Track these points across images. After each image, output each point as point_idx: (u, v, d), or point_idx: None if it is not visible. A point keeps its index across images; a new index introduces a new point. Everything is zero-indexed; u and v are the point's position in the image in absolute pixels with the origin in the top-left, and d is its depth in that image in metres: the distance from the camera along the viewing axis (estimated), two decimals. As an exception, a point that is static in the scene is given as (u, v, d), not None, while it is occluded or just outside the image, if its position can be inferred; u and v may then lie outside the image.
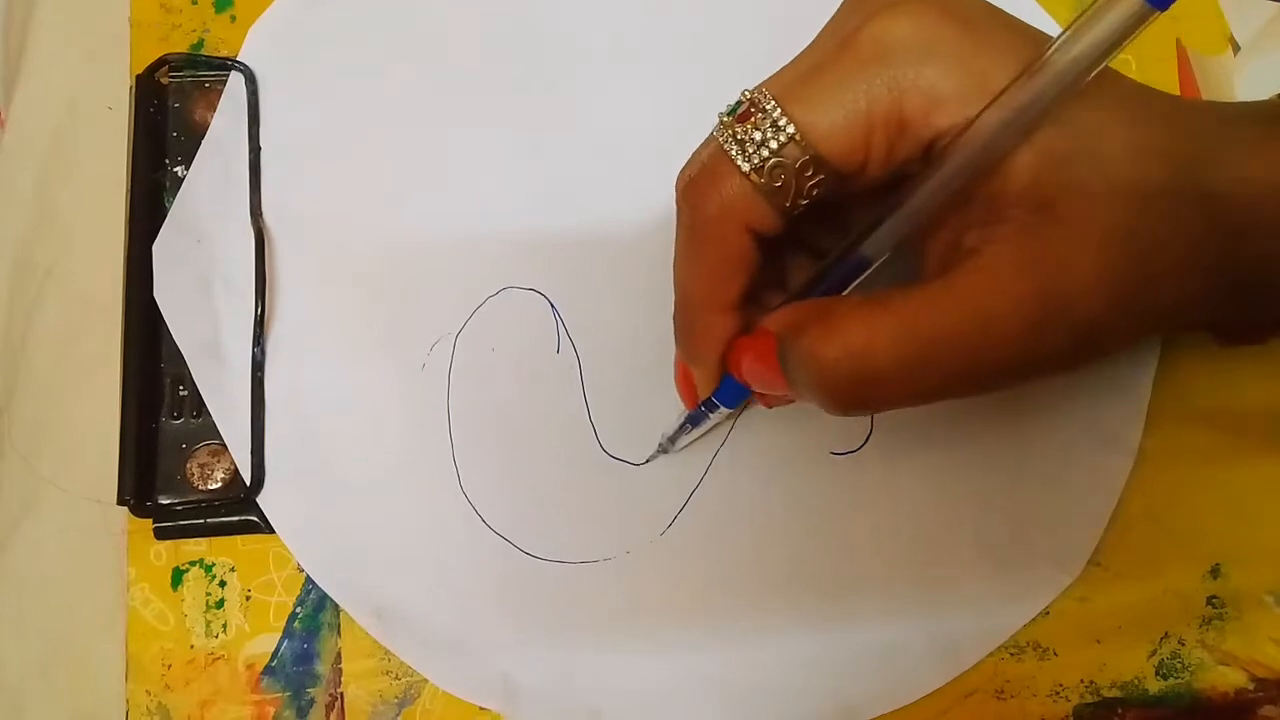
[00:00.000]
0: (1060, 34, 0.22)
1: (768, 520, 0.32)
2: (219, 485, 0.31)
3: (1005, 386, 0.25)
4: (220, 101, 0.34)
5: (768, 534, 0.31)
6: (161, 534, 0.31)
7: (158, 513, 0.31)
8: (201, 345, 0.32)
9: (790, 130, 0.23)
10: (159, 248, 0.32)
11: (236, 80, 0.34)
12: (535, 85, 0.35)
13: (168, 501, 0.31)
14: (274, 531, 0.31)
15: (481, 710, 0.30)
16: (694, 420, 0.30)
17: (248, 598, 0.31)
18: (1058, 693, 0.31)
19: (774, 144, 0.24)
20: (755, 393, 0.28)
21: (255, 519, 0.31)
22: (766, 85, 0.24)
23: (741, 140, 0.24)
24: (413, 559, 0.31)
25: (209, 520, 0.31)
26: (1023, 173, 0.23)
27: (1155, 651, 0.31)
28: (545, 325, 0.33)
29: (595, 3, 0.35)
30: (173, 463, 0.31)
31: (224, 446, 0.31)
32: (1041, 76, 0.22)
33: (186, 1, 0.35)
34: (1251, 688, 0.31)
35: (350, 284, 0.33)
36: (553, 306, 0.33)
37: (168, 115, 0.34)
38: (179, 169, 0.33)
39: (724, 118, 0.25)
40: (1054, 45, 0.22)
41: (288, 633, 0.31)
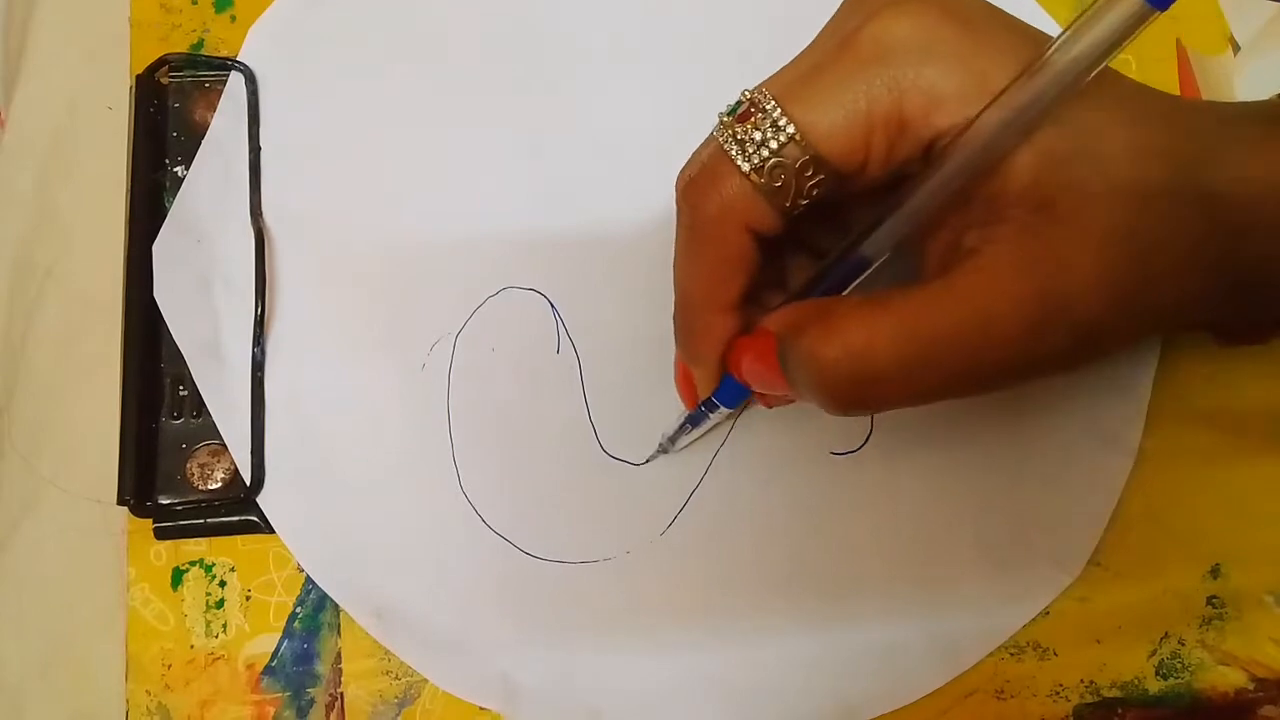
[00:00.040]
0: (1060, 34, 0.22)
1: (768, 520, 0.32)
2: (219, 485, 0.31)
3: (1005, 386, 0.25)
4: (220, 101, 0.34)
5: (768, 534, 0.31)
6: (161, 534, 0.31)
7: (158, 513, 0.31)
8: (201, 345, 0.32)
9: (790, 130, 0.23)
10: (159, 248, 0.32)
11: (236, 80, 0.34)
12: (535, 85, 0.35)
13: (168, 501, 0.31)
14: (274, 531, 0.31)
15: (481, 710, 0.30)
16: (694, 420, 0.30)
17: (248, 598, 0.31)
18: (1058, 693, 0.31)
19: (774, 144, 0.24)
20: (755, 393, 0.28)
21: (255, 519, 0.31)
22: (766, 85, 0.24)
23: (741, 140, 0.24)
24: (413, 559, 0.31)
25: (209, 520, 0.31)
26: (1023, 173, 0.23)
27: (1155, 651, 0.31)
28: (545, 325, 0.33)
29: (595, 3, 0.35)
30: (173, 463, 0.31)
31: (224, 446, 0.31)
32: (1041, 76, 0.22)
33: (186, 1, 0.35)
34: (1251, 688, 0.31)
35: (350, 284, 0.33)
36: (553, 306, 0.33)
37: (168, 115, 0.34)
38: (179, 169, 0.33)
39: (724, 118, 0.25)
40: (1054, 45, 0.22)
41: (288, 633, 0.31)
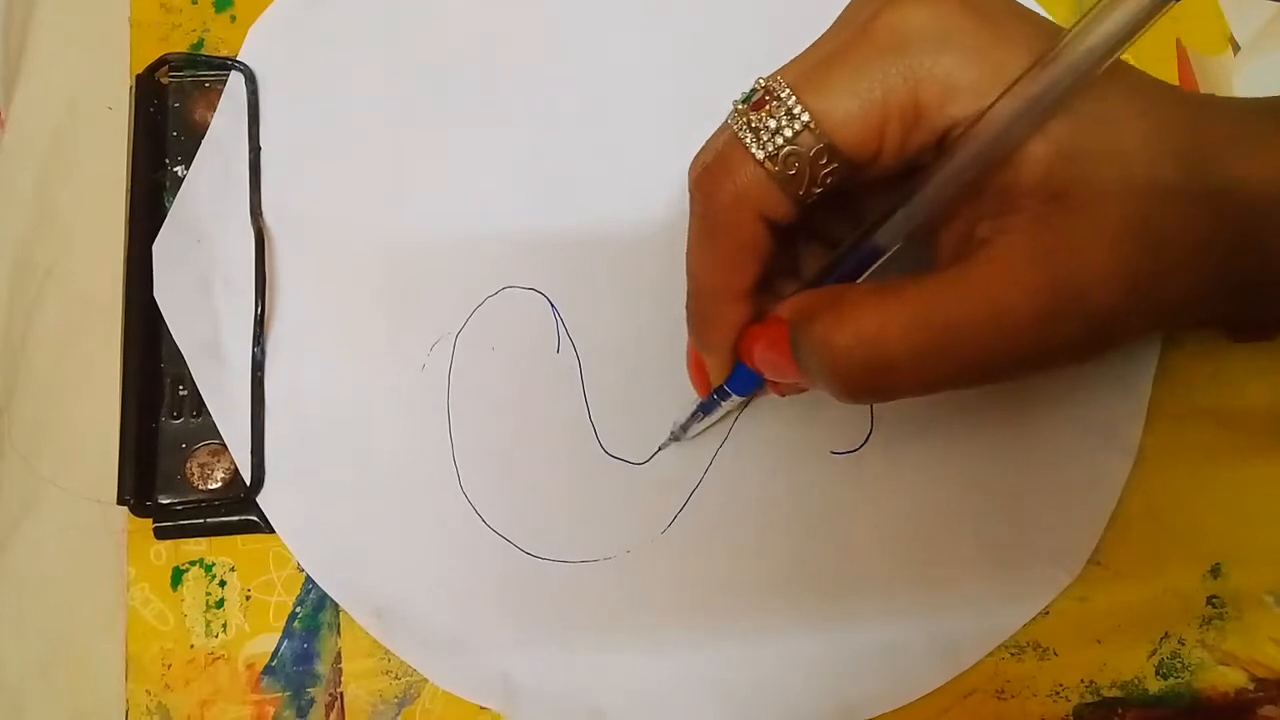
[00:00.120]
0: (1074, 24, 0.22)
1: (768, 520, 0.32)
2: (219, 485, 0.31)
3: (1017, 376, 0.25)
4: (220, 101, 0.34)
5: (768, 533, 0.31)
6: (161, 534, 0.31)
7: (158, 512, 0.31)
8: (201, 345, 0.32)
9: (805, 118, 0.23)
10: (159, 247, 0.32)
11: (236, 80, 0.34)
12: (535, 85, 0.35)
13: (168, 501, 0.31)
14: (274, 531, 0.31)
15: (482, 710, 0.30)
16: (706, 408, 0.30)
17: (248, 597, 0.31)
18: (1058, 692, 0.31)
19: (788, 132, 0.23)
20: (768, 381, 0.28)
21: (255, 519, 0.31)
22: (781, 73, 0.24)
23: (756, 128, 0.24)
24: (413, 559, 0.31)
25: (209, 520, 0.31)
26: (1036, 163, 0.23)
27: (1155, 651, 0.31)
28: (545, 325, 0.33)
29: (595, 3, 0.35)
30: (173, 462, 0.31)
31: (224, 446, 0.31)
32: (1055, 66, 0.22)
33: (186, 1, 0.35)
34: (1251, 688, 0.31)
35: (350, 284, 0.33)
36: (553, 306, 0.33)
37: (168, 115, 0.34)
38: (179, 169, 0.33)
39: (738, 105, 0.24)
40: (1068, 36, 0.22)
41: (288, 632, 0.31)
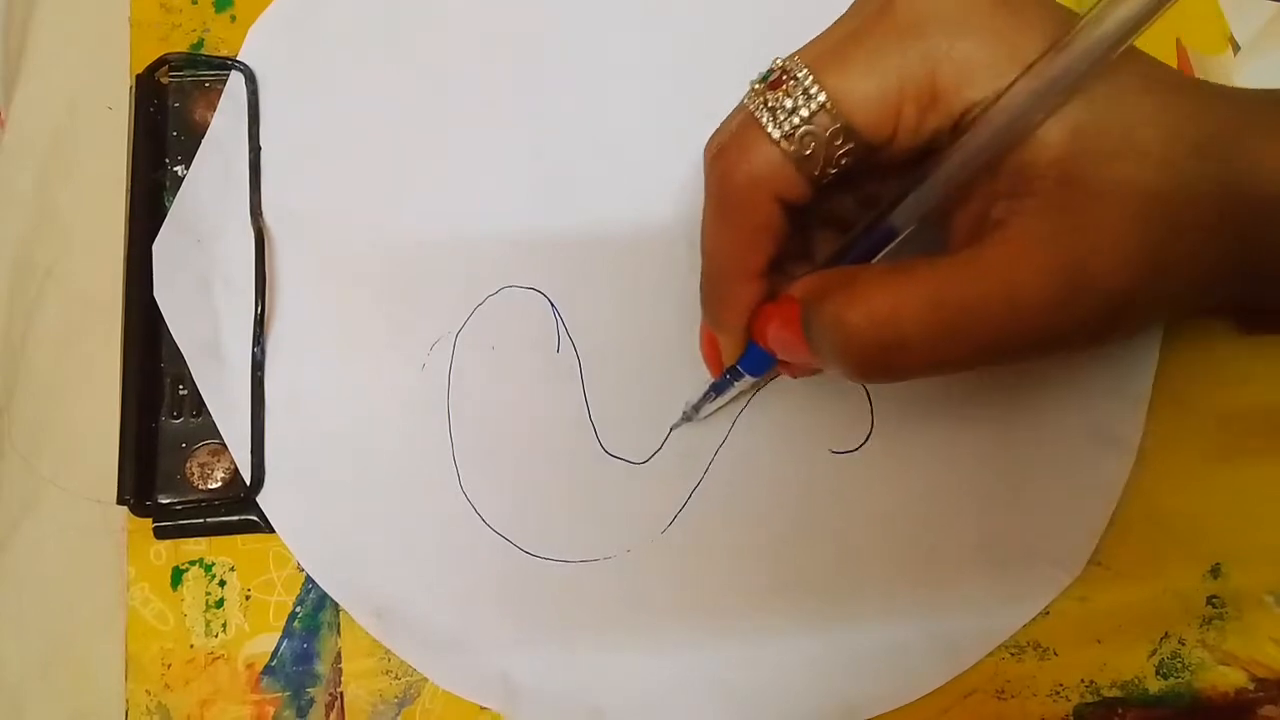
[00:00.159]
0: (1089, 9, 0.22)
1: (769, 519, 0.32)
2: (219, 485, 0.31)
3: (1029, 358, 0.25)
4: (220, 101, 0.34)
5: (768, 533, 0.31)
6: (161, 533, 0.31)
7: (157, 512, 0.31)
8: (201, 345, 0.32)
9: (821, 98, 0.23)
10: (159, 247, 0.32)
11: (236, 80, 0.34)
12: (535, 85, 0.35)
13: (167, 501, 0.31)
14: (274, 531, 0.31)
15: (482, 710, 0.30)
16: (718, 388, 0.30)
17: (247, 597, 0.31)
18: (1058, 692, 0.31)
19: (805, 112, 0.23)
20: (780, 361, 0.28)
21: (255, 518, 0.31)
22: (799, 54, 0.24)
23: (773, 108, 0.24)
24: (413, 558, 0.31)
25: (209, 520, 0.31)
26: (1051, 146, 0.23)
27: (1155, 651, 0.31)
28: (545, 324, 0.33)
29: (596, 3, 0.35)
30: (172, 462, 0.31)
31: (224, 446, 0.31)
32: (1071, 50, 0.22)
33: (186, 1, 0.35)
34: (1252, 688, 0.31)
35: (350, 283, 0.33)
36: (553, 305, 0.33)
37: (168, 115, 0.34)
38: (179, 168, 0.33)
39: (755, 85, 0.24)
40: (1084, 20, 0.22)
41: (287, 632, 0.31)
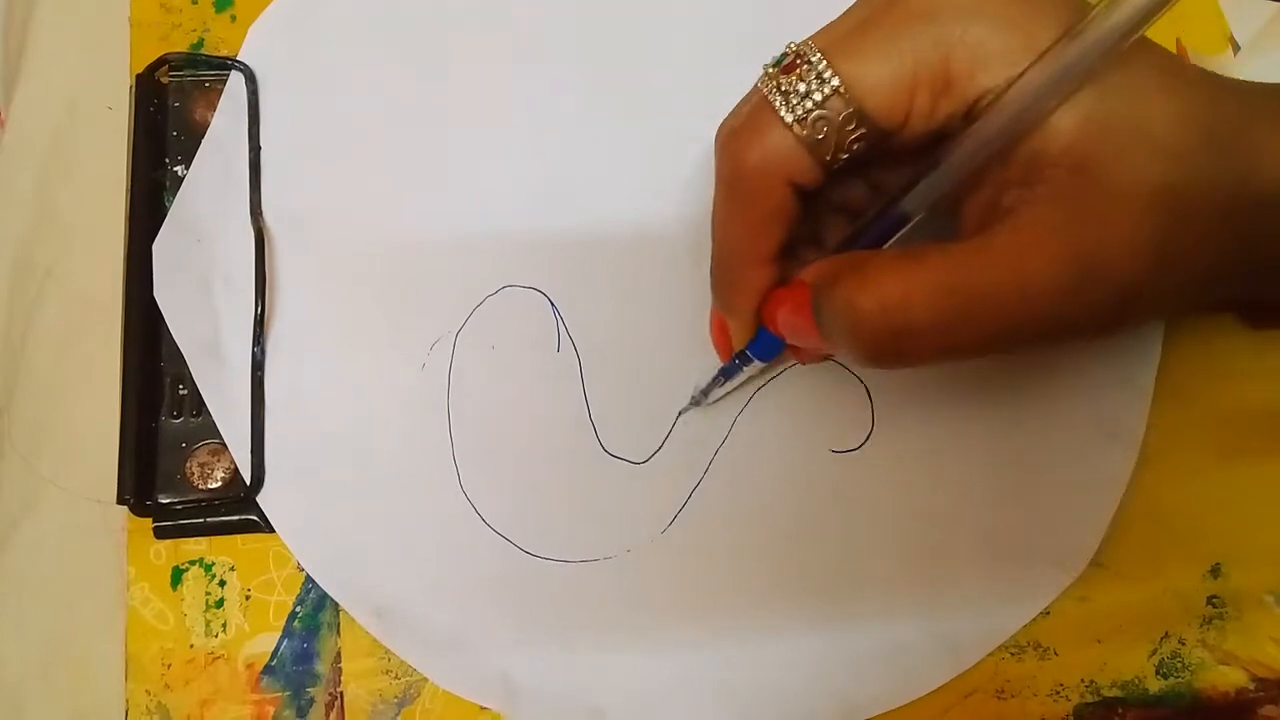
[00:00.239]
0: None
1: (769, 519, 0.32)
2: (219, 484, 0.31)
3: (1038, 347, 0.25)
4: (220, 101, 0.34)
5: (769, 532, 0.31)
6: (161, 533, 0.31)
7: (157, 512, 0.31)
8: (201, 344, 0.32)
9: (835, 83, 0.23)
10: (159, 247, 0.32)
11: (236, 80, 0.34)
12: (535, 85, 0.35)
13: (167, 501, 0.31)
14: (274, 531, 0.31)
15: (482, 709, 0.30)
16: (728, 373, 0.30)
17: (247, 597, 0.31)
18: (1058, 692, 0.31)
19: (818, 96, 0.24)
20: (789, 347, 0.28)
21: (255, 518, 0.31)
22: (813, 38, 0.24)
23: (786, 91, 0.24)
24: (413, 558, 0.31)
25: (209, 519, 0.31)
26: (1064, 134, 0.23)
27: (1156, 651, 0.31)
28: (545, 324, 0.33)
29: (596, 3, 0.35)
30: (173, 462, 0.31)
31: (224, 446, 0.31)
32: (1085, 38, 0.22)
33: (186, 1, 0.35)
34: (1252, 687, 0.31)
35: (350, 283, 0.33)
36: (553, 305, 0.33)
37: (168, 115, 0.34)
38: (179, 168, 0.33)
39: (768, 69, 0.25)
40: (1098, 8, 0.22)
41: (287, 632, 0.31)
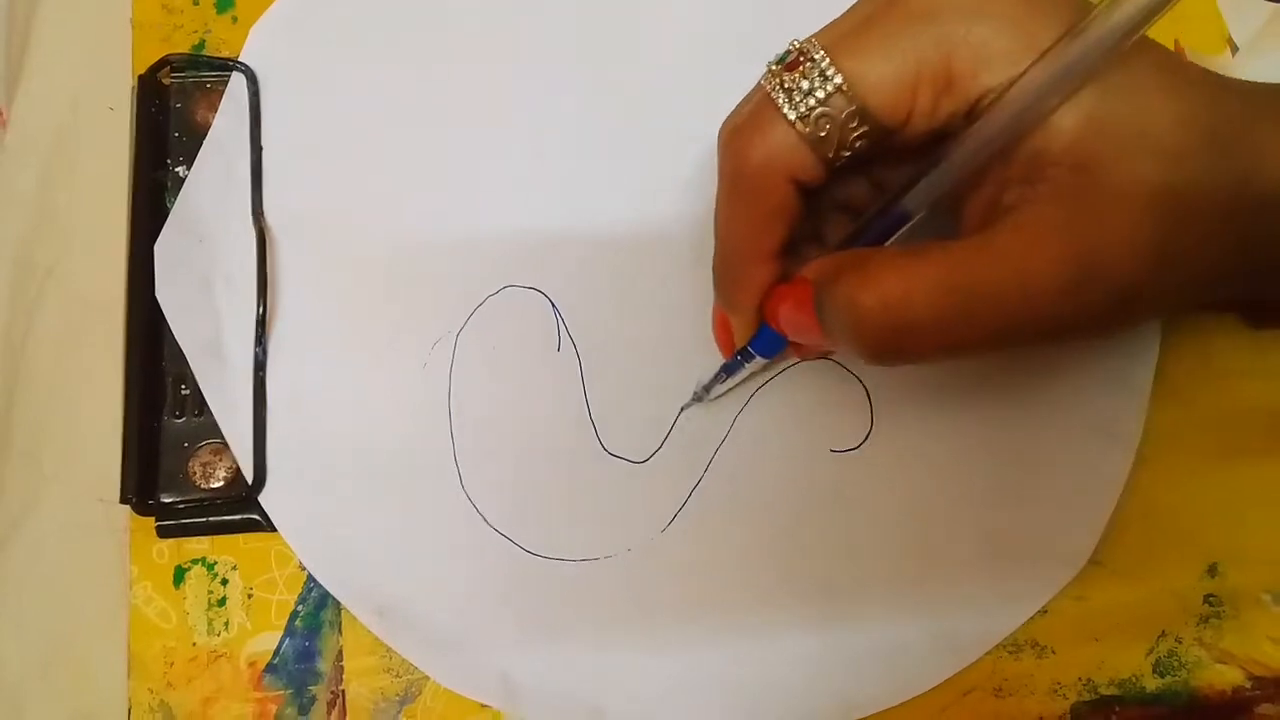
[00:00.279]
0: None
1: (769, 517, 0.32)
2: (221, 484, 0.31)
3: (1039, 345, 0.25)
4: (222, 102, 0.34)
5: (769, 531, 0.32)
6: (164, 532, 0.31)
7: (160, 511, 0.31)
8: (203, 344, 0.32)
9: (838, 80, 0.24)
10: (161, 247, 0.32)
11: (238, 80, 0.34)
12: (536, 85, 0.35)
13: (170, 500, 0.31)
14: (276, 530, 0.31)
15: (483, 708, 0.30)
16: (730, 369, 0.30)
17: (250, 596, 0.31)
18: (1056, 690, 0.31)
19: (820, 93, 0.24)
20: (791, 343, 0.28)
21: (257, 517, 0.31)
22: (816, 36, 0.24)
23: (789, 88, 0.24)
24: (414, 557, 0.31)
25: (211, 519, 0.31)
26: (1065, 133, 0.23)
27: (1153, 649, 0.32)
28: (546, 324, 0.33)
29: (596, 3, 0.35)
30: (175, 461, 0.31)
31: (226, 445, 0.31)
32: (1087, 37, 0.22)
33: (188, 2, 0.35)
34: (1249, 686, 0.32)
35: (351, 283, 0.33)
36: (553, 305, 0.33)
37: (169, 115, 0.34)
38: (181, 169, 0.34)
39: (772, 66, 0.25)
40: (1099, 7, 0.22)
41: (289, 630, 0.31)
